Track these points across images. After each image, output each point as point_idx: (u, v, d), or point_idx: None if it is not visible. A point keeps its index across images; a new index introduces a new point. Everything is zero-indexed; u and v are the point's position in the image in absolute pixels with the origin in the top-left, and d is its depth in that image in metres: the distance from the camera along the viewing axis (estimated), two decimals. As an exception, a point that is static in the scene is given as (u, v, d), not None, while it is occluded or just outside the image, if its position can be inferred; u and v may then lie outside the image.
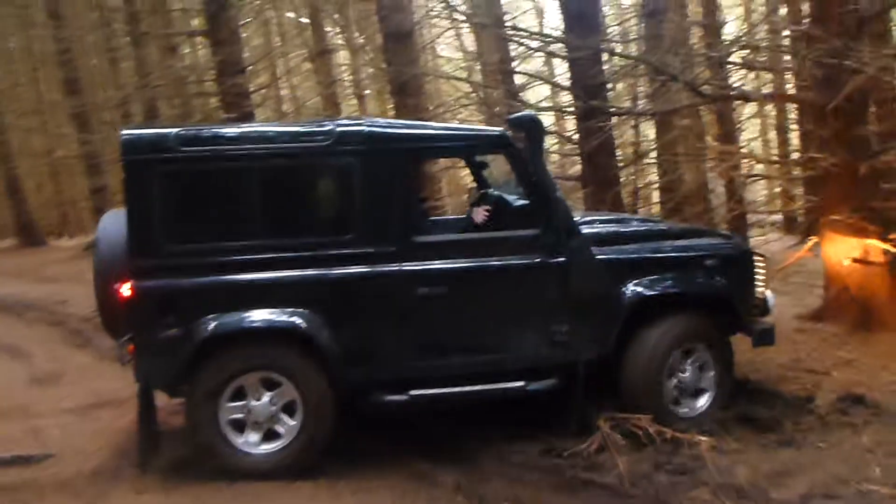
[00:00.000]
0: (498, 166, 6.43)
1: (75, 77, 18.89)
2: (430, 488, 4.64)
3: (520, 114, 5.83)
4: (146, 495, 4.69)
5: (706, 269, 5.35)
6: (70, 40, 17.92)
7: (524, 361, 5.10)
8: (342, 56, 20.35)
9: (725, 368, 5.36)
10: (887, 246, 6.73)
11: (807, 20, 7.31)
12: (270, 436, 4.87)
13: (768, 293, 5.64)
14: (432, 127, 6.27)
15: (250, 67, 15.35)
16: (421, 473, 4.82)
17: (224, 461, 4.80)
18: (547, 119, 13.68)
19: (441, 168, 14.09)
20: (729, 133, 13.32)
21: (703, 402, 5.32)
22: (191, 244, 4.80)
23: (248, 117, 12.78)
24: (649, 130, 13.22)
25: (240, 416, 4.83)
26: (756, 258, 5.60)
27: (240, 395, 4.83)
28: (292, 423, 4.85)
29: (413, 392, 4.93)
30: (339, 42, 19.58)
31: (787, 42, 8.84)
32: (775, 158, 14.82)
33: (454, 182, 18.17)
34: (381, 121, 5.79)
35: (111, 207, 19.64)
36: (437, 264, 4.97)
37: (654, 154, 12.71)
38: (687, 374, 5.28)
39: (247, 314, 4.77)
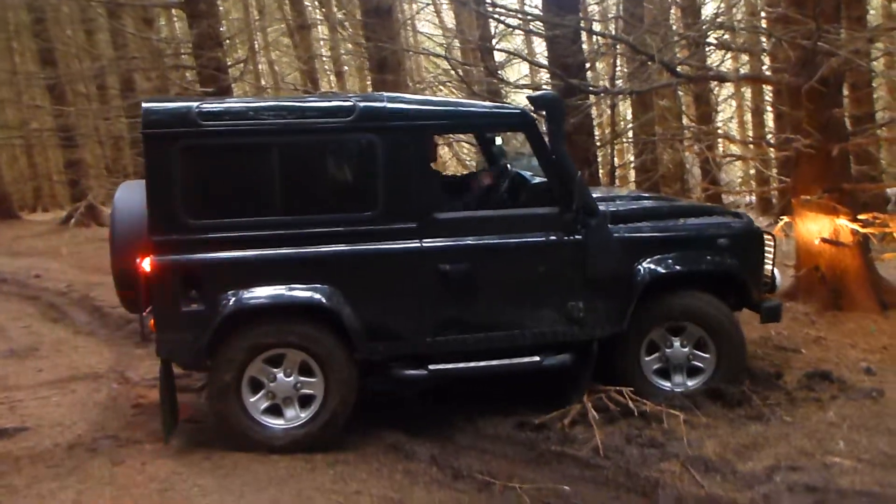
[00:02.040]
0: (507, 142, 6.44)
1: (50, 48, 18.59)
2: (405, 461, 4.70)
3: (541, 92, 5.80)
4: (122, 467, 4.72)
5: (719, 248, 5.38)
6: (45, 10, 17.61)
7: (540, 338, 5.12)
8: (321, 31, 20.18)
9: (727, 347, 5.35)
10: (857, 226, 6.85)
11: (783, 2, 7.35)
12: (274, 410, 4.89)
13: (775, 271, 5.72)
14: (452, 103, 6.13)
15: (228, 41, 15.20)
16: (397, 447, 4.88)
17: (244, 435, 4.82)
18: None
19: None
20: (706, 114, 13.43)
21: (696, 380, 5.37)
22: (212, 219, 4.77)
23: (225, 91, 12.67)
24: (628, 110, 13.28)
25: (263, 379, 4.86)
26: (765, 237, 5.65)
27: (276, 362, 4.86)
28: (302, 414, 4.88)
29: (432, 367, 4.98)
30: (319, 17, 19.40)
31: (764, 24, 8.90)
32: (751, 139, 14.97)
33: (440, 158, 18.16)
34: (401, 96, 5.74)
35: (86, 181, 19.54)
36: (458, 241, 4.99)
37: (631, 134, 12.80)
38: (673, 351, 5.33)
39: (269, 290, 4.77)
